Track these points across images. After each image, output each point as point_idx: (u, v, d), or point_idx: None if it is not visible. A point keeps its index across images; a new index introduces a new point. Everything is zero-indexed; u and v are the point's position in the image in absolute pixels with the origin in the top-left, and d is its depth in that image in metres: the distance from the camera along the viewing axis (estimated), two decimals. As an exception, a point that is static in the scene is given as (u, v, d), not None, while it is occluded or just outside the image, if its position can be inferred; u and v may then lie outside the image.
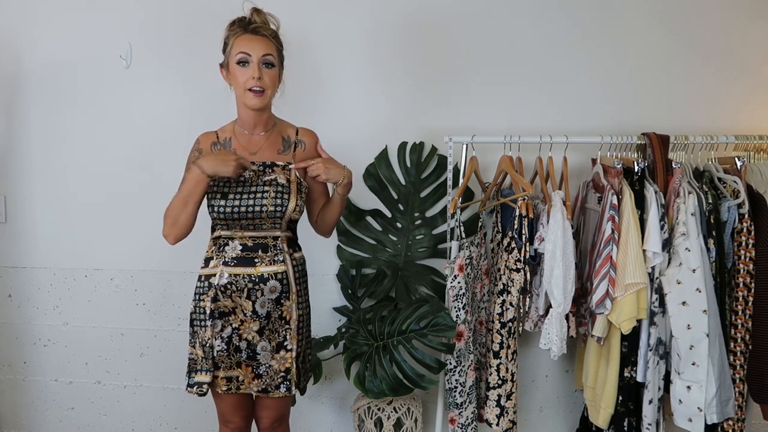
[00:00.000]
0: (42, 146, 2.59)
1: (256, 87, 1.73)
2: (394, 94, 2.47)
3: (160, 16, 2.50)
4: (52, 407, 2.72)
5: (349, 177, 1.87)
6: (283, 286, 1.80)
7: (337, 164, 1.85)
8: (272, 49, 1.77)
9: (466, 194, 2.34)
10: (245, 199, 1.77)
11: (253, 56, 1.73)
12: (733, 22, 2.36)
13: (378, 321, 2.13)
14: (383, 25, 2.45)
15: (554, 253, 1.95)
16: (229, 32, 1.79)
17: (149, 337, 2.64)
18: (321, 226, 1.98)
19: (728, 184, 2.05)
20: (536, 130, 2.23)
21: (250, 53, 1.73)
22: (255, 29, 1.77)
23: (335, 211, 1.94)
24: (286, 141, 1.88)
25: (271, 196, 1.78)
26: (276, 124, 1.89)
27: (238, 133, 1.85)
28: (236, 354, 1.80)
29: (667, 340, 1.99)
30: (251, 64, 1.74)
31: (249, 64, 1.74)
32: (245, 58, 1.74)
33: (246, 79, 1.74)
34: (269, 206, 1.77)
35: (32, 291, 2.66)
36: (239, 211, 1.76)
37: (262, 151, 1.84)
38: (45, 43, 2.54)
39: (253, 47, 1.74)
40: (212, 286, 1.78)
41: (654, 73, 2.39)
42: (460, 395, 2.15)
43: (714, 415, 1.93)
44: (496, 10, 2.41)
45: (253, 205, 1.76)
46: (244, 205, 1.76)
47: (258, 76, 1.73)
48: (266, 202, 1.77)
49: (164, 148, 2.46)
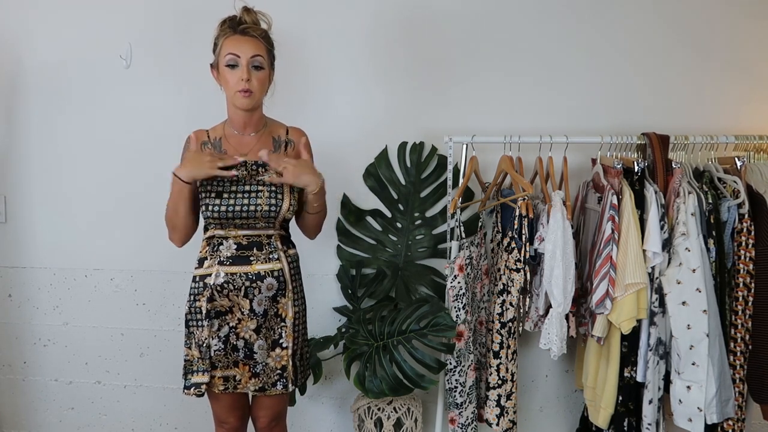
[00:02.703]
0: (42, 146, 2.59)
1: (244, 89, 1.73)
2: (394, 94, 2.47)
3: (160, 16, 2.50)
4: (52, 407, 2.72)
5: (320, 186, 1.79)
6: (279, 284, 1.81)
7: (311, 170, 1.77)
8: (261, 50, 1.76)
9: (466, 194, 2.34)
10: (240, 198, 1.77)
11: (242, 58, 1.72)
12: (734, 21, 2.36)
13: (378, 321, 2.13)
14: (383, 25, 2.45)
15: (554, 253, 1.95)
16: (219, 32, 1.78)
17: (149, 337, 2.64)
18: (301, 228, 1.96)
19: (728, 184, 2.05)
20: (536, 130, 2.23)
21: (239, 55, 1.73)
22: (244, 30, 1.75)
23: (309, 217, 1.88)
24: (276, 141, 1.87)
25: (265, 196, 1.78)
26: (267, 125, 1.88)
27: (228, 134, 1.85)
28: (233, 353, 1.80)
29: (667, 340, 1.99)
30: (240, 66, 1.73)
31: (238, 67, 1.73)
32: (234, 60, 1.73)
33: (235, 81, 1.73)
34: (264, 206, 1.77)
35: (32, 291, 2.66)
36: (234, 210, 1.76)
37: (253, 151, 1.83)
38: (45, 43, 2.54)
39: (242, 49, 1.73)
40: (208, 286, 1.78)
41: (654, 73, 2.39)
42: (460, 395, 2.15)
43: (714, 415, 1.93)
44: (496, 9, 2.41)
45: (247, 205, 1.77)
46: (239, 204, 1.76)
47: (247, 78, 1.72)
48: (261, 202, 1.77)
49: (164, 147, 2.43)
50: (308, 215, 1.88)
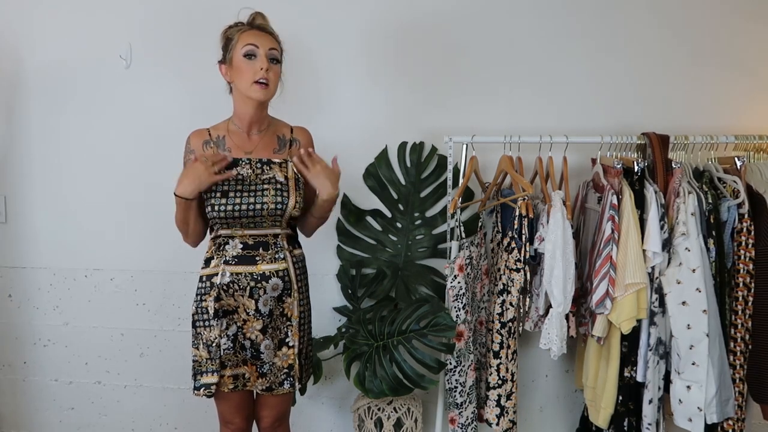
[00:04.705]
0: (42, 146, 2.59)
1: (263, 79, 1.73)
2: (394, 94, 2.47)
3: (160, 16, 2.50)
4: (52, 407, 2.72)
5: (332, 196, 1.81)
6: (285, 284, 1.81)
7: (334, 180, 1.80)
8: (276, 45, 1.80)
9: (466, 194, 2.34)
10: (246, 197, 1.77)
11: (260, 49, 1.74)
12: (733, 22, 2.36)
13: (378, 321, 2.13)
14: (383, 25, 2.45)
15: (554, 253, 1.95)
16: (232, 29, 1.80)
17: (149, 337, 2.63)
18: (298, 226, 1.96)
19: (728, 184, 2.05)
20: (536, 130, 2.23)
21: (258, 45, 1.74)
22: (260, 26, 1.80)
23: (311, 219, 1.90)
24: (281, 140, 1.88)
25: (271, 194, 1.78)
26: (271, 124, 1.89)
27: (232, 132, 1.84)
28: (242, 352, 1.81)
29: (667, 340, 1.99)
30: (259, 57, 1.74)
31: (256, 57, 1.74)
32: (253, 50, 1.74)
33: (253, 72, 1.74)
34: (270, 204, 1.77)
35: (32, 291, 2.66)
36: (240, 209, 1.76)
37: (257, 150, 1.83)
38: (45, 43, 2.54)
39: (261, 41, 1.76)
40: (214, 285, 1.78)
41: (654, 73, 2.39)
42: (460, 395, 2.15)
43: (714, 415, 1.93)
44: (496, 10, 2.41)
45: (254, 203, 1.76)
46: (245, 203, 1.76)
47: (266, 68, 1.74)
48: (267, 200, 1.77)
49: (164, 147, 2.45)
50: (311, 218, 1.90)
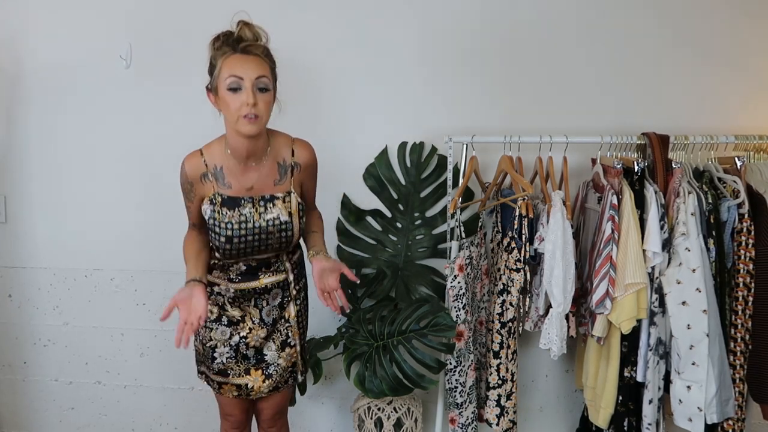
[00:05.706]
0: (42, 146, 2.59)
1: (250, 114, 1.54)
2: (393, 94, 2.47)
3: (160, 16, 2.49)
4: (52, 407, 2.72)
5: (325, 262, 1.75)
6: (284, 292, 1.85)
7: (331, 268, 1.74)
8: (266, 69, 1.58)
9: (466, 194, 2.34)
10: (250, 241, 1.71)
11: (245, 80, 1.54)
12: (733, 21, 2.35)
13: (378, 321, 2.13)
14: (383, 25, 2.44)
15: (554, 253, 1.95)
16: (216, 52, 1.59)
17: (149, 337, 2.63)
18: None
19: (728, 183, 2.05)
20: (536, 130, 2.22)
21: (242, 77, 1.54)
22: (246, 48, 1.57)
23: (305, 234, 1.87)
24: (281, 167, 1.74)
25: (276, 236, 1.73)
26: (270, 147, 1.72)
27: (229, 162, 1.68)
28: (244, 361, 1.83)
29: (667, 340, 1.99)
30: (244, 90, 1.54)
31: (241, 90, 1.54)
32: (237, 83, 1.54)
33: (239, 106, 1.54)
34: (275, 244, 1.75)
35: (32, 291, 2.65)
36: (245, 251, 1.73)
37: (258, 184, 1.70)
38: (45, 43, 2.54)
39: (246, 70, 1.54)
40: (215, 293, 1.81)
41: (654, 73, 2.39)
42: (460, 395, 2.15)
43: (714, 415, 1.93)
44: (495, 9, 2.41)
45: (258, 245, 1.73)
46: (250, 247, 1.72)
47: (253, 102, 1.53)
48: (272, 242, 1.74)
49: (164, 147, 2.45)
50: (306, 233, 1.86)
